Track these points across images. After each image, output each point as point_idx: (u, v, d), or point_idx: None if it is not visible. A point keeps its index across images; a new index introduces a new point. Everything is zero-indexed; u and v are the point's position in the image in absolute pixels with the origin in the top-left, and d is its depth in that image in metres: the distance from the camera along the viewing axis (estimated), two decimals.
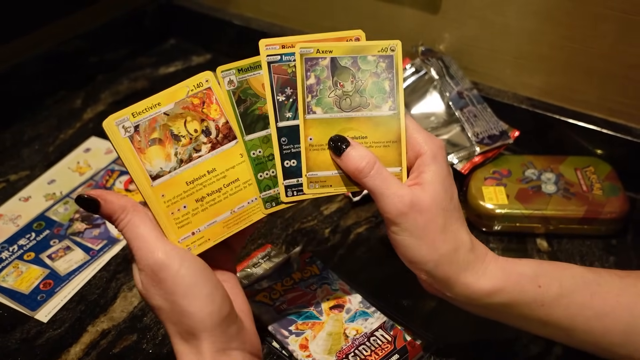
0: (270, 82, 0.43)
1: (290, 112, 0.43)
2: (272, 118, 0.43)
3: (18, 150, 0.77)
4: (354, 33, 0.44)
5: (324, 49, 0.43)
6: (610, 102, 0.68)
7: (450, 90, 0.69)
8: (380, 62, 0.43)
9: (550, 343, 0.52)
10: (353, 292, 0.55)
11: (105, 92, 0.88)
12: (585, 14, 0.64)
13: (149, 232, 0.39)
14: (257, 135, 0.44)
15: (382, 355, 0.49)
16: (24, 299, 0.57)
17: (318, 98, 0.43)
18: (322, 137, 0.43)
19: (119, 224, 0.40)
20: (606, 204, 0.61)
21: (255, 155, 0.44)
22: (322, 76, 0.43)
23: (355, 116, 0.44)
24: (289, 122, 0.43)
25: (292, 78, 0.43)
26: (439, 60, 0.71)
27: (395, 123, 0.44)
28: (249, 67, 0.43)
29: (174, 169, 0.42)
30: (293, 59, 0.43)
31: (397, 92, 0.44)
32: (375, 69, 0.44)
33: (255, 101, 0.43)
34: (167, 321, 0.39)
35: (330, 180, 0.44)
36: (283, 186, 0.44)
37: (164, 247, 0.39)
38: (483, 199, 0.62)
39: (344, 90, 0.43)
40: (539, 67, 0.70)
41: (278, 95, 0.43)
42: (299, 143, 0.44)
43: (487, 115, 0.68)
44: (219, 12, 0.94)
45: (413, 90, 0.71)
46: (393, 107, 0.44)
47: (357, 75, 0.43)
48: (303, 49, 0.42)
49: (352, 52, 0.43)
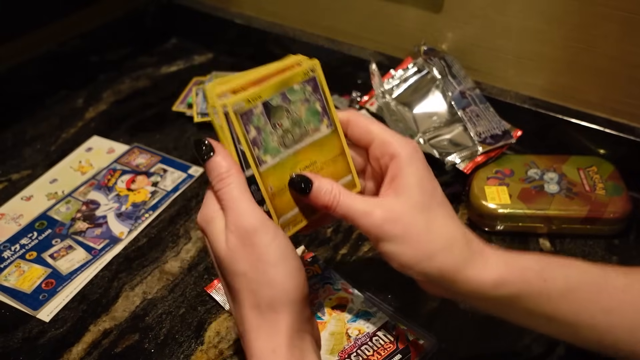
0: (231, 132, 0.41)
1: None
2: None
3: (20, 149, 0.77)
4: (295, 60, 0.44)
5: (253, 98, 0.41)
6: (613, 102, 0.67)
7: (453, 89, 0.69)
8: (306, 86, 0.44)
9: (553, 344, 0.52)
10: (355, 292, 0.55)
11: (107, 91, 0.88)
12: (588, 14, 0.63)
13: (249, 198, 0.40)
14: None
15: (384, 355, 0.49)
16: (26, 299, 0.57)
17: (264, 147, 0.42)
18: (279, 181, 0.43)
19: (221, 182, 0.40)
20: (609, 204, 0.61)
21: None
22: (261, 124, 0.42)
23: (301, 147, 0.44)
24: (249, 172, 0.43)
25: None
26: (442, 59, 0.71)
27: (335, 138, 0.45)
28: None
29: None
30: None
31: (329, 108, 0.45)
32: (304, 96, 0.44)
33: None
34: (246, 289, 0.39)
35: (299, 215, 0.45)
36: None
37: (261, 215, 0.40)
38: (485, 198, 0.62)
39: (283, 128, 0.43)
40: (541, 67, 0.70)
41: (239, 144, 0.42)
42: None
43: (490, 115, 0.68)
44: (220, 11, 0.94)
45: (415, 90, 0.71)
46: (329, 123, 0.45)
47: (290, 108, 0.43)
48: (235, 105, 0.40)
49: (280, 88, 0.42)
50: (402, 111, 0.69)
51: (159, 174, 0.72)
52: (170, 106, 0.83)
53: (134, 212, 0.67)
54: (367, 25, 0.81)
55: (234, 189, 0.40)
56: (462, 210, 0.66)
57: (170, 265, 0.61)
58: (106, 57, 0.92)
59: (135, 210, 0.67)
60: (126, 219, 0.66)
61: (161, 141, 0.78)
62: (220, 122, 0.40)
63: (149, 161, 0.74)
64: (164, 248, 0.62)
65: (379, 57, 0.80)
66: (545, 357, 0.51)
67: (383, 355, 0.49)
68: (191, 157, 0.74)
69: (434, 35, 0.75)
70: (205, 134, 0.78)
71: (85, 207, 0.67)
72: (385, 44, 0.81)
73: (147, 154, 0.75)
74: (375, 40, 0.81)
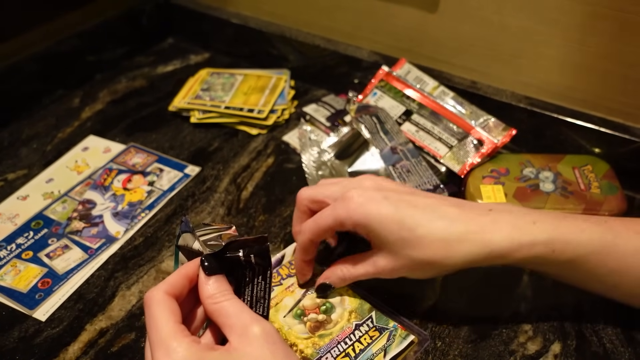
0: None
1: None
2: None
3: (16, 149, 0.77)
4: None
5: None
6: (608, 101, 0.68)
7: (383, 146, 0.67)
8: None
9: (549, 341, 0.52)
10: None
11: (103, 91, 0.88)
12: (582, 13, 0.64)
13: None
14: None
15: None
16: (22, 298, 0.57)
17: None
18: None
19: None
20: (604, 203, 0.61)
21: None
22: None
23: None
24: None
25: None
26: (373, 116, 0.69)
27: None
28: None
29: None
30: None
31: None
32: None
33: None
34: None
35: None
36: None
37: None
38: (481, 197, 0.62)
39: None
40: (537, 66, 0.70)
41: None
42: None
43: (422, 169, 0.66)
44: (217, 10, 0.94)
45: (351, 146, 0.69)
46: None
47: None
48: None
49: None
50: (339, 168, 0.68)
51: (155, 173, 0.72)
52: (167, 106, 0.83)
53: (130, 212, 0.67)
54: (363, 24, 0.81)
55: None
56: None
57: (166, 265, 0.61)
58: (102, 57, 0.92)
59: (131, 209, 0.67)
60: (122, 219, 0.66)
61: (157, 141, 0.78)
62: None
63: (145, 161, 0.74)
64: (160, 247, 0.63)
65: (374, 56, 0.81)
66: (540, 355, 0.51)
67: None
68: (187, 157, 0.75)
69: (429, 35, 0.75)
70: (201, 133, 0.78)
71: (81, 207, 0.67)
72: (381, 43, 0.81)
73: (143, 154, 0.75)
74: (371, 39, 0.82)
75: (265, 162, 0.74)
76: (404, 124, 0.70)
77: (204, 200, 0.68)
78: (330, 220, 0.48)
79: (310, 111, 0.78)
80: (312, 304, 0.53)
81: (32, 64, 0.83)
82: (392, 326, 0.51)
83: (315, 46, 0.84)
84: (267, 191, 0.69)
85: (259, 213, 0.66)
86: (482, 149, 0.67)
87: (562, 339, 0.52)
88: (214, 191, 0.69)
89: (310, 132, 0.74)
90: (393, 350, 0.49)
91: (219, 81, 0.85)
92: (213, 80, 0.86)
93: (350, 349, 0.49)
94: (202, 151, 0.75)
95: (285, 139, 0.77)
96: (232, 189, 0.70)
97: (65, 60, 0.87)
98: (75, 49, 0.88)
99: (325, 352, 0.49)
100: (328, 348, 0.49)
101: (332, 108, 0.78)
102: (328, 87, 0.86)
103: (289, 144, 0.76)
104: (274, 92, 0.83)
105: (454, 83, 0.75)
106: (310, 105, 0.79)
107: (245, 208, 0.67)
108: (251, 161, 0.74)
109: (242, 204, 0.68)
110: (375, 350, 0.49)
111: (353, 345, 0.49)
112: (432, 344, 0.52)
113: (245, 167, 0.73)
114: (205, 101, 0.81)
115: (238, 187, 0.70)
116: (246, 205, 0.67)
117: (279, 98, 0.82)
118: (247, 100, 0.81)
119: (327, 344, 0.49)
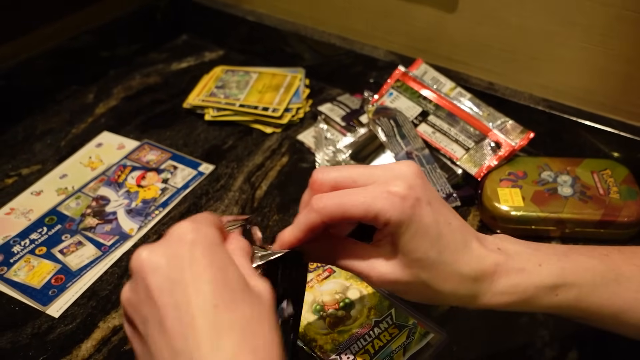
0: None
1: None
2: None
3: (30, 144, 0.77)
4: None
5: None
6: (628, 105, 0.67)
7: (399, 150, 0.67)
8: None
9: (566, 347, 0.51)
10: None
11: (117, 87, 0.88)
12: (604, 15, 0.63)
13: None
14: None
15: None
16: (36, 294, 0.57)
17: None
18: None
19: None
20: (623, 208, 0.60)
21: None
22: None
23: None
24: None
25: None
26: (391, 119, 0.69)
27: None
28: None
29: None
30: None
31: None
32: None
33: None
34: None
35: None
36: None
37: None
38: (498, 200, 0.62)
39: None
40: (556, 68, 0.69)
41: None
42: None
43: (436, 176, 0.65)
44: (232, 8, 0.93)
45: (366, 148, 0.69)
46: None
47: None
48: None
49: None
50: None
51: (169, 170, 0.72)
52: (181, 103, 0.83)
53: (144, 209, 0.66)
54: (379, 24, 0.81)
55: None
56: (475, 212, 0.65)
57: None
58: (116, 53, 0.92)
59: (145, 206, 0.67)
60: (136, 216, 0.66)
61: (171, 138, 0.78)
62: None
63: (160, 158, 0.74)
64: None
65: (391, 56, 0.80)
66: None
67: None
68: (201, 154, 0.74)
69: (447, 35, 0.75)
70: (216, 131, 0.78)
71: (95, 203, 0.67)
72: (398, 43, 0.80)
73: (157, 151, 0.75)
74: (387, 39, 0.81)
75: (280, 161, 0.73)
76: (420, 125, 0.70)
77: (217, 198, 0.68)
78: (361, 209, 0.38)
79: (326, 110, 0.77)
80: (332, 300, 0.52)
81: (47, 59, 0.83)
82: (412, 324, 0.50)
83: (330, 45, 0.84)
84: (281, 190, 0.69)
85: (273, 212, 0.66)
86: (499, 152, 0.66)
87: (580, 346, 0.52)
88: (228, 190, 0.69)
89: (327, 131, 0.74)
90: (413, 348, 0.49)
91: (233, 79, 0.85)
92: (227, 77, 0.86)
93: (369, 346, 0.49)
94: (216, 149, 0.75)
95: (299, 138, 0.77)
96: (246, 188, 0.69)
97: (80, 56, 0.87)
98: (89, 45, 0.88)
99: (344, 348, 0.49)
100: (347, 344, 0.49)
101: (347, 107, 0.77)
102: (343, 87, 0.86)
103: (304, 143, 0.76)
104: (289, 90, 0.82)
105: (471, 84, 0.74)
106: (325, 104, 0.79)
107: (260, 207, 0.67)
108: (265, 160, 0.74)
109: (256, 202, 0.67)
110: (395, 348, 0.49)
111: (372, 342, 0.49)
112: (449, 348, 0.51)
113: (259, 165, 0.73)
114: (219, 99, 0.81)
115: (252, 186, 0.70)
116: (260, 205, 0.67)
117: (294, 97, 0.81)
118: (261, 99, 0.80)
119: (346, 340, 0.49)
